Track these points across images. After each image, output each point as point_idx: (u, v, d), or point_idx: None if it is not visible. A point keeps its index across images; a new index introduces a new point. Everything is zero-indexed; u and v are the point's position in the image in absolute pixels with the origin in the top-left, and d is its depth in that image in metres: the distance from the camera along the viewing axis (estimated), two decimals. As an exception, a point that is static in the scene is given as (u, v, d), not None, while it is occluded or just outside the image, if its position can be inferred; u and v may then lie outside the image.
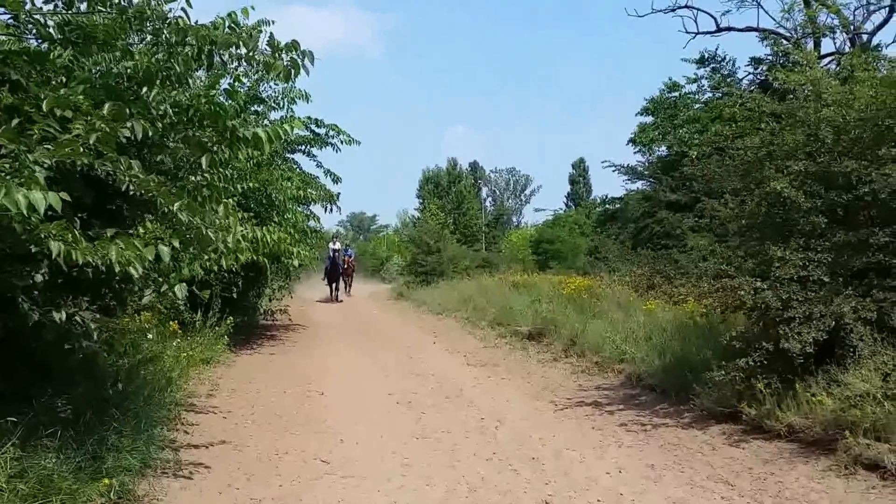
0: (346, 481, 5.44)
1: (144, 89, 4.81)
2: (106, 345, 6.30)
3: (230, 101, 5.82)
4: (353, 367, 11.16)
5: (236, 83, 5.26)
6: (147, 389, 6.42)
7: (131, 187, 4.24)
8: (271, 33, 4.85)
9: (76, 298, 5.01)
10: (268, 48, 4.83)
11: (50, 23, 4.86)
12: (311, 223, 13.85)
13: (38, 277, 4.10)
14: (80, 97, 4.37)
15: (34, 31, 4.80)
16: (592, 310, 12.76)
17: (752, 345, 6.60)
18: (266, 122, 10.75)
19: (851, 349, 6.00)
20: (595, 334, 11.01)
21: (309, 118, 12.60)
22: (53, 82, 4.54)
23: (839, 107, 6.97)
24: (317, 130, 13.14)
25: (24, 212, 3.27)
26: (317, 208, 13.74)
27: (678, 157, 23.24)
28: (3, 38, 4.54)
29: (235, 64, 5.10)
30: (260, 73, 5.32)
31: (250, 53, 4.84)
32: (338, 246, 25.86)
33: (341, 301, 25.66)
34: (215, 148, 5.01)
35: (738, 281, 6.71)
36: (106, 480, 4.48)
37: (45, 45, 4.85)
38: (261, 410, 7.88)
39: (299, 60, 4.84)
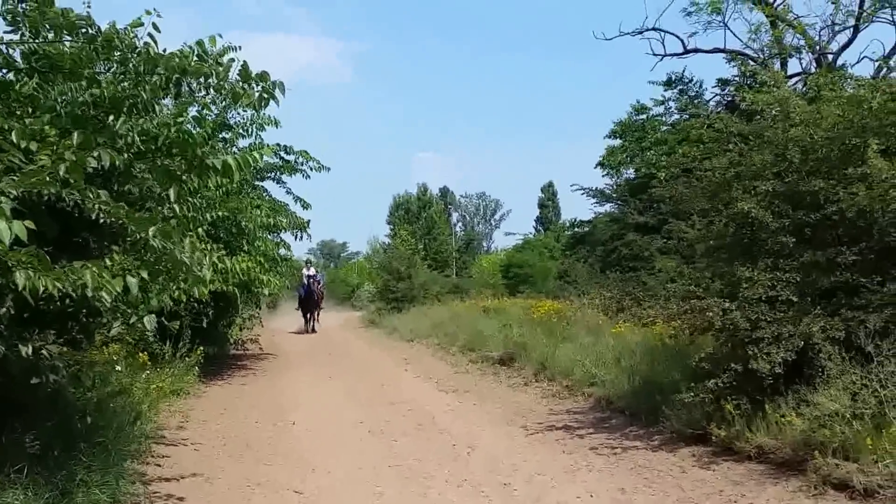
0: (318, 512, 5.35)
1: (111, 118, 4.77)
2: (73, 378, 6.17)
3: (198, 129, 5.77)
4: (324, 396, 11.02)
5: (205, 111, 5.16)
6: (116, 422, 6.30)
7: (101, 216, 4.16)
8: (244, 63, 4.81)
9: (42, 332, 4.89)
10: (238, 78, 4.80)
11: (15, 51, 4.82)
12: (282, 251, 13.72)
13: (2, 311, 3.98)
14: (47, 127, 4.33)
15: None
16: (562, 333, 12.77)
17: (721, 366, 6.61)
18: (234, 149, 10.63)
19: (820, 369, 6.01)
20: (565, 358, 11.00)
21: (278, 145, 12.42)
22: (18, 112, 4.48)
23: (807, 126, 7.04)
24: (286, 157, 13.02)
25: None
26: (287, 236, 13.58)
27: (646, 179, 23.44)
28: None
29: (204, 92, 5.04)
30: (227, 100, 5.19)
31: (220, 83, 4.80)
32: (312, 272, 24.47)
33: (315, 332, 23.96)
34: (184, 177, 4.96)
35: (707, 302, 6.72)
36: None
37: (10, 75, 4.81)
38: (232, 441, 7.75)
39: (270, 90, 4.82)
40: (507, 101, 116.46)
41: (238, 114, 11.02)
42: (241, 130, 11.38)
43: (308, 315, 24.13)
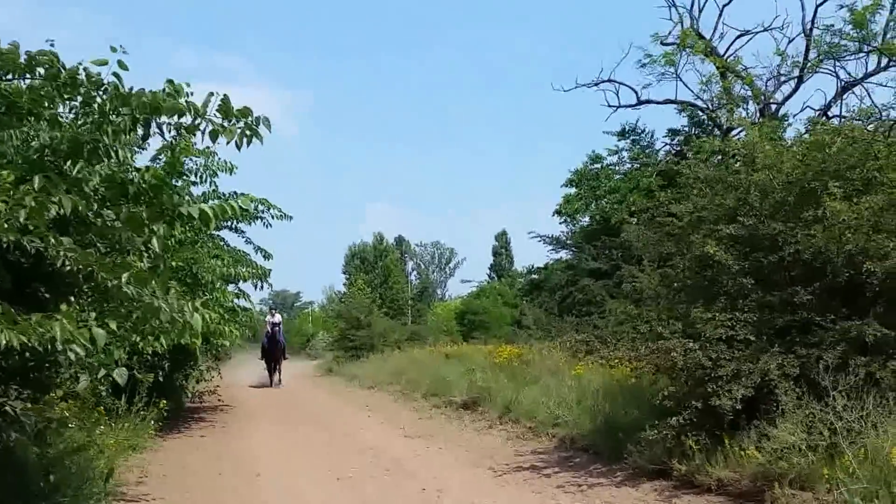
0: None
1: (69, 163, 4.50)
2: (36, 436, 5.75)
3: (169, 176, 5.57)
4: (287, 445, 10.83)
5: (181, 155, 4.93)
6: (74, 480, 6.05)
7: (67, 263, 3.96)
8: (224, 96, 4.48)
9: (4, 387, 4.72)
10: (217, 115, 4.49)
11: None
12: (241, 301, 13.54)
13: None
14: (4, 172, 4.08)
15: None
16: (524, 377, 12.92)
17: (682, 403, 6.82)
18: (187, 196, 10.41)
19: (776, 404, 6.24)
20: (528, 400, 11.15)
21: (235, 193, 12.26)
22: None
23: (769, 170, 7.35)
24: (246, 207, 12.92)
25: None
26: (247, 286, 13.40)
27: (600, 226, 23.91)
28: None
29: (174, 133, 4.72)
30: (204, 139, 4.78)
31: (196, 122, 4.51)
32: (277, 319, 22.83)
33: (280, 385, 22.10)
34: (154, 226, 4.65)
35: (672, 343, 6.93)
36: None
37: None
38: (196, 495, 7.47)
39: (254, 126, 4.52)
40: (461, 151, 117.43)
41: (191, 160, 10.77)
42: (193, 178, 11.06)
43: (272, 366, 22.38)
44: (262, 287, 12.81)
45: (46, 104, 4.55)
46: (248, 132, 4.52)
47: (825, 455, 5.67)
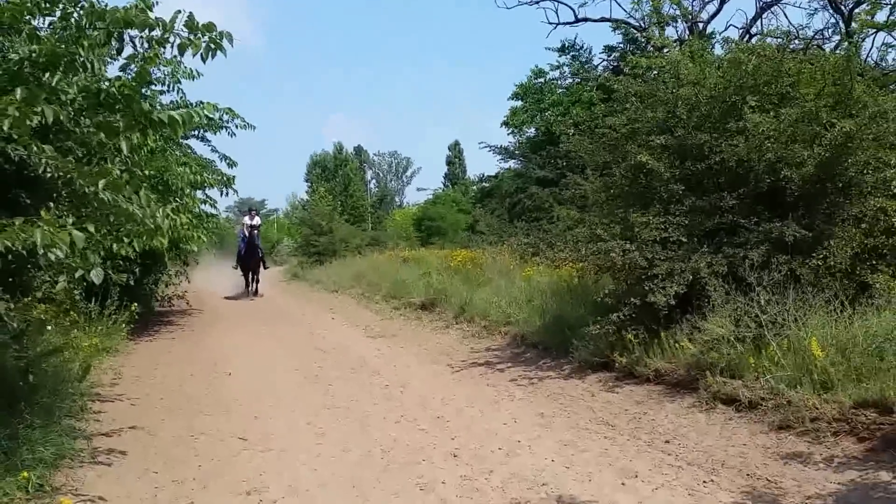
0: (266, 455, 5.33)
1: (47, 75, 4.48)
2: (15, 337, 5.58)
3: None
4: (256, 346, 10.83)
5: (149, 65, 4.86)
6: (51, 381, 5.97)
7: (48, 171, 3.99)
8: (190, 13, 4.54)
9: None
10: (184, 29, 4.54)
11: None
12: (206, 207, 13.24)
13: None
14: None
15: None
16: (478, 279, 13.02)
17: (622, 301, 6.95)
18: (157, 105, 10.08)
19: (707, 299, 6.38)
20: (482, 301, 11.25)
21: (201, 102, 11.93)
22: None
23: (693, 86, 7.35)
24: (210, 115, 12.57)
25: None
26: (213, 192, 13.17)
27: (545, 137, 23.81)
28: None
29: (146, 46, 4.77)
30: (173, 52, 4.82)
31: (165, 35, 4.55)
32: (256, 221, 19.33)
33: (260, 296, 19.22)
34: (128, 133, 4.69)
35: (610, 244, 6.99)
36: (24, 473, 4.23)
37: None
38: (170, 394, 7.48)
39: (218, 40, 4.57)
40: (417, 62, 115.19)
41: (158, 69, 10.37)
42: (160, 87, 10.73)
43: (249, 275, 19.09)
44: (226, 193, 12.65)
45: (27, 18, 4.56)
46: (212, 45, 4.57)
47: (752, 346, 5.81)
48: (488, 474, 4.72)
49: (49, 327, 6.81)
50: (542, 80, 26.63)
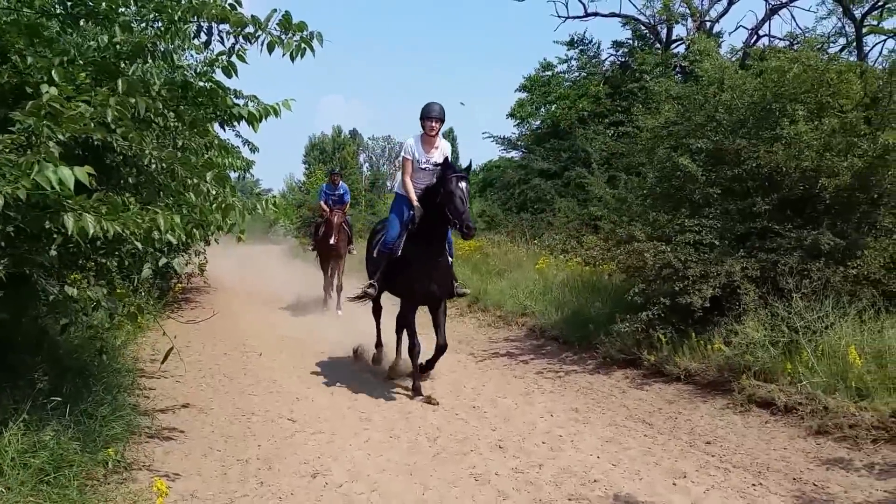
0: (318, 438, 5.37)
1: (131, 64, 4.46)
2: (110, 319, 5.66)
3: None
4: (280, 325, 10.77)
5: (237, 60, 4.75)
6: (107, 359, 5.93)
7: (152, 161, 3.95)
8: (286, 12, 4.44)
9: (83, 273, 4.70)
10: (277, 28, 4.42)
11: None
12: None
13: (53, 252, 3.74)
14: (83, 74, 4.01)
15: (37, 4, 4.29)
16: (487, 269, 12.98)
17: (651, 300, 6.96)
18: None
19: (738, 303, 6.40)
20: (495, 291, 11.24)
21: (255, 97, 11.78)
22: (47, 57, 4.06)
23: (733, 91, 7.35)
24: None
25: (57, 188, 3.04)
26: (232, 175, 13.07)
27: (550, 129, 23.73)
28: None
29: (233, 41, 4.63)
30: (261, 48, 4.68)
31: (256, 32, 4.43)
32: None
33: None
34: (207, 126, 4.77)
35: (645, 245, 7.01)
36: (110, 450, 4.23)
37: (42, 19, 4.33)
38: (210, 372, 7.50)
39: (308, 40, 4.46)
40: (413, 47, 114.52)
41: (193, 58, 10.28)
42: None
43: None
44: (244, 178, 12.54)
45: (122, 9, 4.50)
46: (302, 45, 4.47)
47: (785, 351, 5.85)
48: (538, 468, 4.74)
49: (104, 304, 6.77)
50: (549, 73, 26.49)
